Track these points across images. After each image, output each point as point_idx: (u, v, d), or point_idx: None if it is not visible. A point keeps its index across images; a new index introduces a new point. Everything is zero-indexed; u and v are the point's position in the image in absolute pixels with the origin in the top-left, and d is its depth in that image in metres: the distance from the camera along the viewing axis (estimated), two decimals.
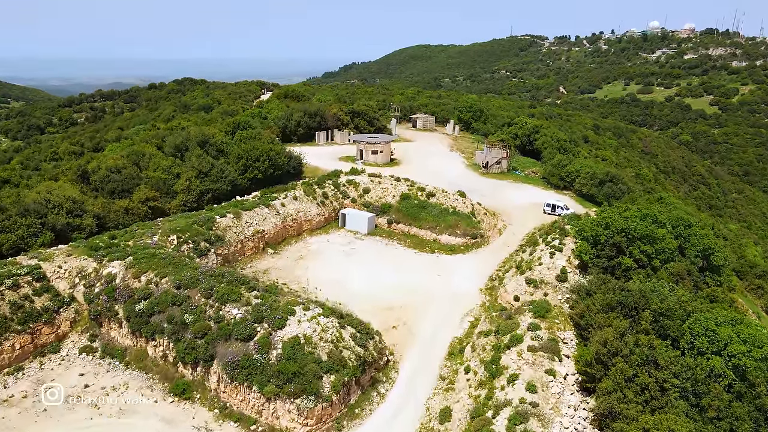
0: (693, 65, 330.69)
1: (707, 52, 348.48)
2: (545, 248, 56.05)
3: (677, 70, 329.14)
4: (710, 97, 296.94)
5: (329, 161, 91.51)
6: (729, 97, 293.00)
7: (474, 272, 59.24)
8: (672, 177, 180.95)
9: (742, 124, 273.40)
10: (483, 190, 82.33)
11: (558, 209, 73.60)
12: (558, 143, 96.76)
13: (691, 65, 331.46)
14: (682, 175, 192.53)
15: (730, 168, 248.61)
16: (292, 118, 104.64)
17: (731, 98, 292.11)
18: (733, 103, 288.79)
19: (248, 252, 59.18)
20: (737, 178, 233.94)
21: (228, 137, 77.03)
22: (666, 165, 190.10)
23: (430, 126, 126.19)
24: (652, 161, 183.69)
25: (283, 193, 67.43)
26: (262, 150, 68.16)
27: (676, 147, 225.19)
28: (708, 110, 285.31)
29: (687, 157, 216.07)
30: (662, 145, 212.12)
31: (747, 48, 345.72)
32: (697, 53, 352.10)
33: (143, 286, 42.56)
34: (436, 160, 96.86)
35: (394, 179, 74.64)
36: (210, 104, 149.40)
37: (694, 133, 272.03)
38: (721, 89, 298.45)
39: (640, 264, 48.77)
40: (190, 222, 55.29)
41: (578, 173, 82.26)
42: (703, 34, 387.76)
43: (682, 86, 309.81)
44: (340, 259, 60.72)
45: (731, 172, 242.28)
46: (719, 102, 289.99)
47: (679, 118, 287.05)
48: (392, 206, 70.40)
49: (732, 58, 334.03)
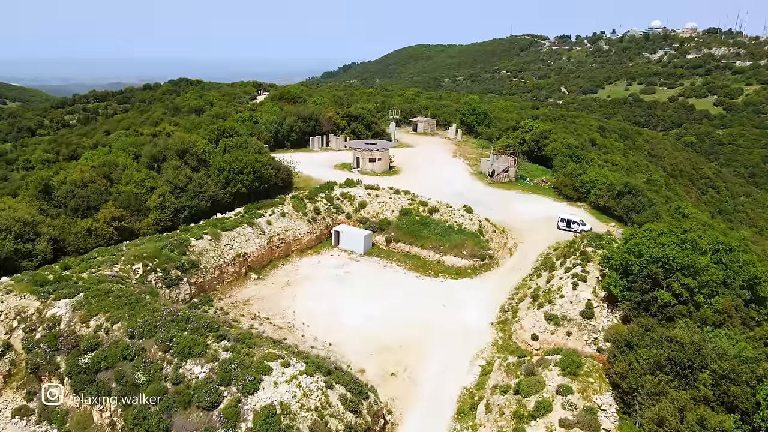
0: (696, 65, 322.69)
1: (710, 52, 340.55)
2: (565, 276, 48.52)
3: (680, 70, 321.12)
4: (714, 97, 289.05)
5: (323, 170, 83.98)
6: (733, 97, 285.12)
7: (483, 301, 51.70)
8: (681, 181, 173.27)
9: (747, 124, 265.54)
10: (490, 202, 74.87)
11: (573, 225, 66.12)
12: (569, 150, 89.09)
13: (695, 65, 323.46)
14: (690, 179, 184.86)
15: (736, 170, 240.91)
16: (285, 123, 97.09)
17: (736, 98, 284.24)
18: (738, 104, 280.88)
19: (228, 278, 51.61)
20: (744, 180, 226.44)
21: (211, 145, 69.42)
22: (673, 168, 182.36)
23: (431, 130, 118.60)
24: (659, 164, 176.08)
25: (270, 209, 59.83)
26: (246, 161, 60.55)
27: (682, 149, 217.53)
28: (712, 111, 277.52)
29: (694, 159, 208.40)
30: (669, 147, 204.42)
31: (751, 47, 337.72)
32: (700, 53, 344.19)
33: (91, 333, 35.00)
34: (439, 168, 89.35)
35: (393, 192, 67.04)
36: (202, 106, 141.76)
37: (698, 134, 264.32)
38: (726, 89, 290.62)
39: (681, 299, 41.27)
40: (160, 246, 47.72)
41: (593, 184, 74.72)
42: (706, 33, 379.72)
43: (686, 86, 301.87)
44: (332, 285, 53.16)
45: (737, 174, 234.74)
46: (724, 102, 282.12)
47: (683, 119, 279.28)
48: (391, 223, 62.77)
49: (735, 58, 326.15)
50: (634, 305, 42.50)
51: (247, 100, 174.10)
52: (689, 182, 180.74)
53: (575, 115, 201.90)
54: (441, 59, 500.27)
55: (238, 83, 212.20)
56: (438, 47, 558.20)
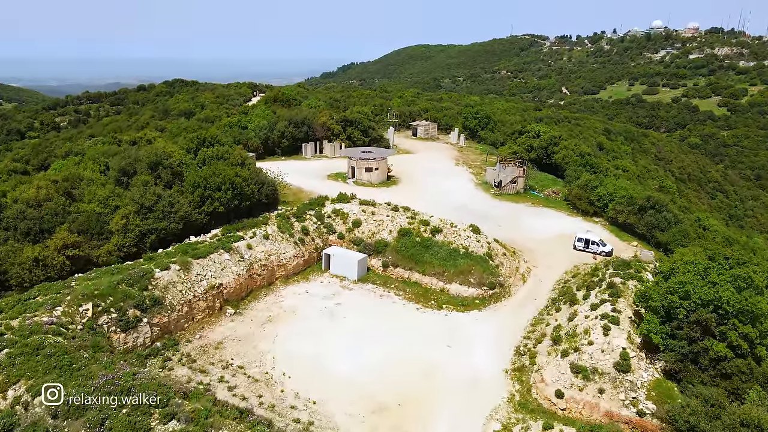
0: (699, 65, 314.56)
1: (713, 52, 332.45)
2: (592, 314, 40.88)
3: (683, 71, 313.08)
4: (718, 98, 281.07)
5: (315, 180, 76.34)
6: (738, 98, 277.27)
7: (495, 340, 44.07)
8: (689, 185, 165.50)
9: (753, 126, 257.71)
10: (497, 217, 67.27)
11: (592, 245, 58.47)
12: (582, 158, 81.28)
13: (698, 65, 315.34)
14: (698, 182, 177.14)
15: (742, 172, 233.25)
16: (276, 129, 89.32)
17: (740, 99, 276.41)
18: (743, 105, 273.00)
19: (199, 315, 43.96)
20: (751, 182, 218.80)
21: (189, 156, 61.66)
22: (681, 171, 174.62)
23: (432, 134, 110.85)
24: (666, 168, 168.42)
25: (251, 231, 52.14)
26: (225, 176, 52.78)
27: (688, 151, 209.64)
28: (716, 112, 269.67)
29: (701, 161, 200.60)
30: (675, 150, 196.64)
31: (754, 47, 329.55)
32: (703, 53, 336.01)
33: (7, 408, 27.40)
34: (440, 178, 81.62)
35: (391, 209, 59.28)
36: (192, 109, 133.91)
37: (702, 135, 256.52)
38: (730, 90, 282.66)
39: (738, 352, 33.69)
40: (116, 280, 40.07)
41: (611, 197, 67.02)
42: (708, 33, 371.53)
43: (689, 87, 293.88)
44: (319, 321, 45.52)
45: (743, 176, 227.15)
46: (728, 103, 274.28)
47: (687, 120, 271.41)
48: (389, 245, 55.07)
49: (739, 58, 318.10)
50: (679, 356, 34.93)
51: (241, 102, 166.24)
52: (698, 186, 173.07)
53: (579, 117, 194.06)
54: (441, 59, 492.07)
55: (233, 84, 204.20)
56: (437, 47, 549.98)
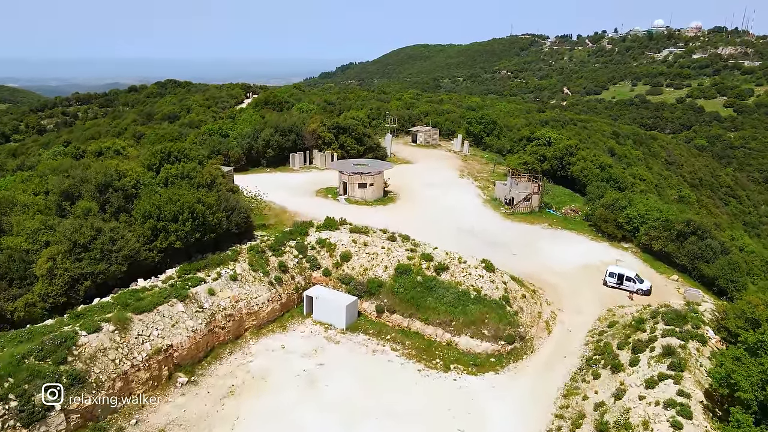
0: (703, 65, 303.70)
1: (717, 51, 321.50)
2: (648, 395, 30.57)
3: (687, 70, 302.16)
4: (724, 98, 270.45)
5: (302, 197, 66.07)
6: (744, 98, 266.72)
7: (520, 420, 33.81)
8: (702, 191, 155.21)
9: (760, 127, 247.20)
10: (510, 243, 57.00)
11: (627, 282, 48.21)
12: (603, 171, 70.76)
13: (702, 65, 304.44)
14: (710, 187, 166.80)
15: (750, 174, 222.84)
16: (260, 137, 78.93)
17: (746, 100, 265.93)
18: (749, 105, 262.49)
19: (139, 389, 33.64)
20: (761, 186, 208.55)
21: (150, 174, 51.17)
22: (693, 176, 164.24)
23: (433, 141, 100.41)
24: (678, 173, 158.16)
25: (215, 271, 41.76)
26: (183, 203, 42.31)
27: (697, 154, 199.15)
28: (722, 112, 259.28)
29: (711, 165, 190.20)
30: (684, 153, 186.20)
31: (759, 47, 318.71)
32: (707, 52, 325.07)
33: None
34: (443, 193, 71.23)
35: (387, 238, 48.84)
36: (177, 113, 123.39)
37: (709, 136, 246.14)
38: (735, 90, 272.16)
39: None
40: (21, 352, 29.82)
41: (643, 219, 56.66)
42: (711, 32, 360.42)
43: (694, 87, 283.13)
44: (295, 394, 35.20)
45: (752, 179, 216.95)
46: (734, 104, 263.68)
47: (693, 121, 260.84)
48: (384, 284, 44.72)
49: (744, 58, 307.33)
50: None
51: (232, 105, 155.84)
52: (710, 192, 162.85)
53: (586, 120, 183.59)
54: (440, 59, 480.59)
55: (226, 85, 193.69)
56: (437, 47, 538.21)
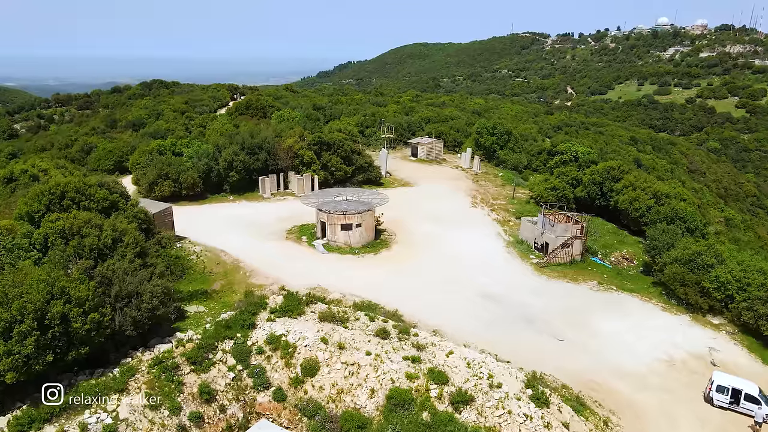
0: (712, 64, 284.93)
1: (725, 50, 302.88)
2: None
3: (695, 69, 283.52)
4: (735, 98, 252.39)
5: (267, 242, 48.15)
6: (757, 98, 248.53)
7: None
8: (729, 203, 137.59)
9: None
10: (551, 317, 39.15)
11: (748, 401, 30.51)
12: (663, 205, 52.29)
13: (710, 63, 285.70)
14: (735, 198, 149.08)
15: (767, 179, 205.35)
16: (222, 156, 61.07)
17: (760, 100, 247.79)
18: (763, 106, 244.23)
19: None
20: None
21: (24, 230, 33.38)
22: (718, 186, 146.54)
23: (437, 156, 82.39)
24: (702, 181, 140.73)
25: (77, 420, 24.04)
26: (26, 300, 24.47)
27: (716, 160, 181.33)
28: (735, 113, 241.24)
29: (732, 172, 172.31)
30: (705, 159, 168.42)
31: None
32: (714, 51, 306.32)
33: None
34: (454, 232, 53.21)
35: (375, 332, 30.96)
36: (143, 119, 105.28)
37: (721, 138, 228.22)
38: (748, 90, 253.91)
39: None
40: None
41: (741, 285, 38.82)
42: (718, 30, 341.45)
43: (703, 87, 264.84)
44: None
45: None
46: (746, 104, 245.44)
47: (704, 122, 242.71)
48: (369, 424, 27.00)
49: (753, 56, 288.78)
50: None
51: (214, 108, 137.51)
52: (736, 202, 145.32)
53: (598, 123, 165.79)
54: (439, 58, 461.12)
55: (212, 86, 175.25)
56: (436, 46, 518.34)
